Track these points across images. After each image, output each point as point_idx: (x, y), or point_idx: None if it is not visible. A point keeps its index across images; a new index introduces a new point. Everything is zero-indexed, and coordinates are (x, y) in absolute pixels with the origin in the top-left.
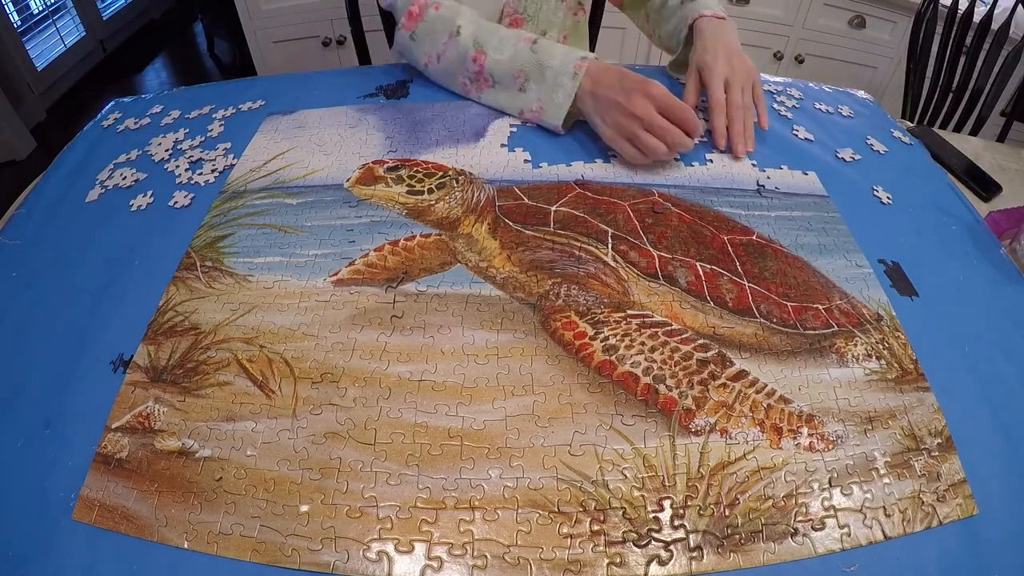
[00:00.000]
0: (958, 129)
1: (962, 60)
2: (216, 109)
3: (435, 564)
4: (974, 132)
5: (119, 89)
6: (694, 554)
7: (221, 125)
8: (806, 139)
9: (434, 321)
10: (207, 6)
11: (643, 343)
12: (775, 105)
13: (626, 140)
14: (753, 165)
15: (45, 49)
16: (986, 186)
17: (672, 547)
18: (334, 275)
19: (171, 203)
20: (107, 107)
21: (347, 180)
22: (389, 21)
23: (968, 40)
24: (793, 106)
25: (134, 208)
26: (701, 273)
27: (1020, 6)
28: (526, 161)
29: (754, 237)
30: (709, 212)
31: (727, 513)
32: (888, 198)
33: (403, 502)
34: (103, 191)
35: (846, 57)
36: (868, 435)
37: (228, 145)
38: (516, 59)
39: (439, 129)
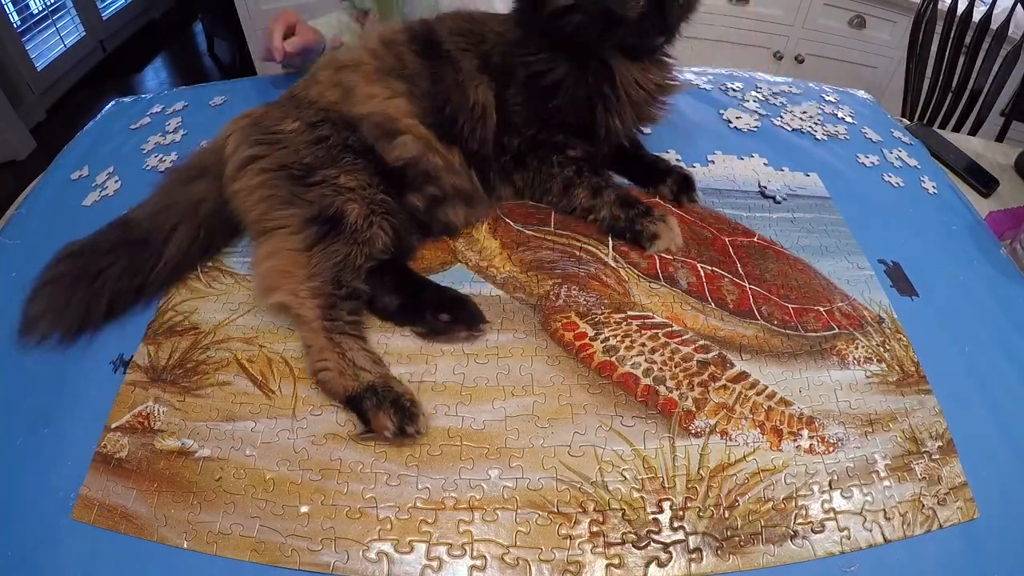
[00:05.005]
0: (957, 128)
1: (961, 59)
2: (216, 109)
3: (434, 564)
4: (973, 131)
5: (119, 89)
6: (693, 556)
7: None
8: (808, 139)
9: None
10: (207, 6)
11: (643, 344)
12: (777, 107)
13: None
14: (765, 164)
15: (45, 49)
16: (986, 182)
17: (671, 549)
18: None
19: None
20: (107, 107)
21: None
22: None
23: (967, 39)
24: (792, 107)
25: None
26: (702, 274)
27: (1019, 6)
28: None
29: (755, 239)
30: (710, 213)
31: (727, 515)
32: (900, 183)
33: (403, 503)
34: (103, 191)
35: (846, 57)
36: (869, 438)
37: None
38: None
39: None
